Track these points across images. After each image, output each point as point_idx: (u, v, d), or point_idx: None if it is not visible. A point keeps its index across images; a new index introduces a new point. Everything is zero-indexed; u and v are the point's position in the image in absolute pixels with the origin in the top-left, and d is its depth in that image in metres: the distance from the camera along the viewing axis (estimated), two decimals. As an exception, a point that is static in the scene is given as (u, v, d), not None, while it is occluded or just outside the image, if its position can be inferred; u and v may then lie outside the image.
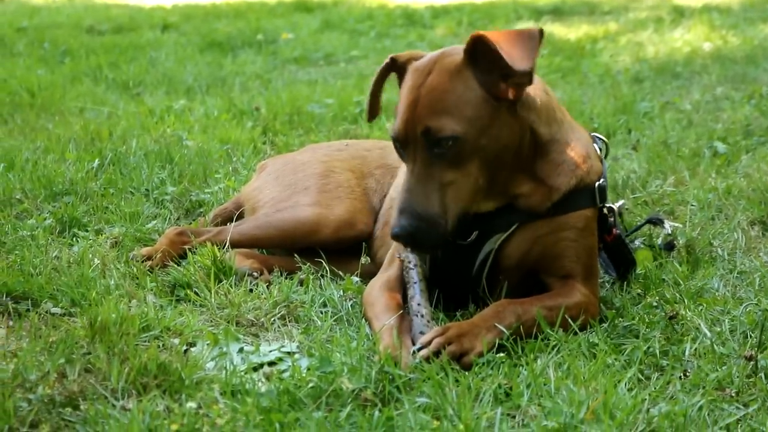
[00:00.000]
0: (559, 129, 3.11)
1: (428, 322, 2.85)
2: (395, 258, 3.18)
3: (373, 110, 3.30)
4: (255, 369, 2.74)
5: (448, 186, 2.89)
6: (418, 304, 2.89)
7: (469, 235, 3.04)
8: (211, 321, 3.15)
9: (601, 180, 3.17)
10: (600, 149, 3.31)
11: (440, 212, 2.86)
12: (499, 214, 3.06)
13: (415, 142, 2.91)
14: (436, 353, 2.67)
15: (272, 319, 3.16)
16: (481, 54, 2.90)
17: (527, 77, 2.90)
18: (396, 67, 3.13)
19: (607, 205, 3.26)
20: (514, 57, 2.83)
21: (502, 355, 2.72)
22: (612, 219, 3.29)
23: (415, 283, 2.94)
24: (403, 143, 2.96)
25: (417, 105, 2.92)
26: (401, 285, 3.10)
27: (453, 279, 3.12)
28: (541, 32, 2.88)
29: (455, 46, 3.05)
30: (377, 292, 3.10)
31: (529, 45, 2.87)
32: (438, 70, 2.95)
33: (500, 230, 3.05)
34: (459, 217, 2.90)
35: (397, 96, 3.05)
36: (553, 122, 3.10)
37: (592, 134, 3.38)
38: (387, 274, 3.17)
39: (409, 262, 3.04)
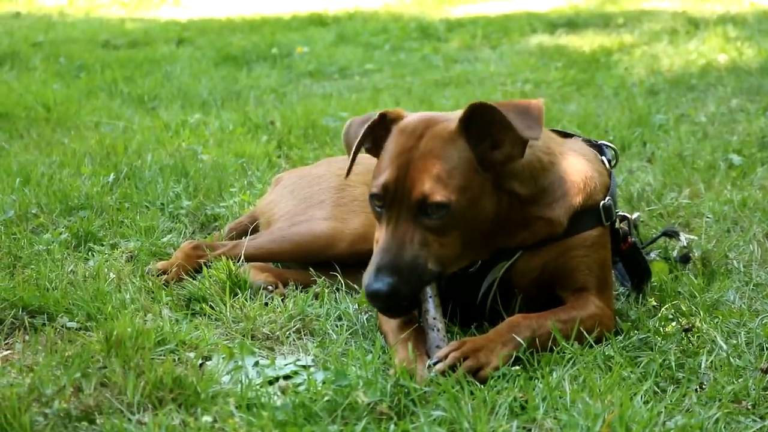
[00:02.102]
0: (547, 175, 3.07)
1: (444, 336, 2.86)
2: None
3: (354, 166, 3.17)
4: (270, 382, 2.74)
5: (428, 249, 2.85)
6: (434, 318, 2.89)
7: (474, 265, 3.04)
8: (227, 335, 3.15)
9: (607, 198, 3.16)
10: (609, 160, 3.31)
11: (420, 266, 2.83)
12: None
13: (401, 203, 2.87)
14: (452, 367, 2.67)
15: (287, 332, 3.16)
16: (476, 123, 2.89)
17: (521, 149, 2.89)
18: (383, 125, 3.05)
19: (620, 213, 3.25)
20: (522, 126, 2.82)
21: (517, 368, 2.72)
22: (626, 228, 3.28)
23: (430, 297, 2.93)
24: (387, 202, 2.90)
25: (409, 167, 2.88)
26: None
27: (461, 305, 3.11)
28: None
29: (441, 113, 3.04)
30: (393, 306, 3.09)
31: (535, 115, 2.86)
32: (431, 136, 2.91)
33: (504, 258, 3.05)
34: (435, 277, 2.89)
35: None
36: (540, 174, 3.05)
37: (601, 142, 3.38)
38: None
39: None
